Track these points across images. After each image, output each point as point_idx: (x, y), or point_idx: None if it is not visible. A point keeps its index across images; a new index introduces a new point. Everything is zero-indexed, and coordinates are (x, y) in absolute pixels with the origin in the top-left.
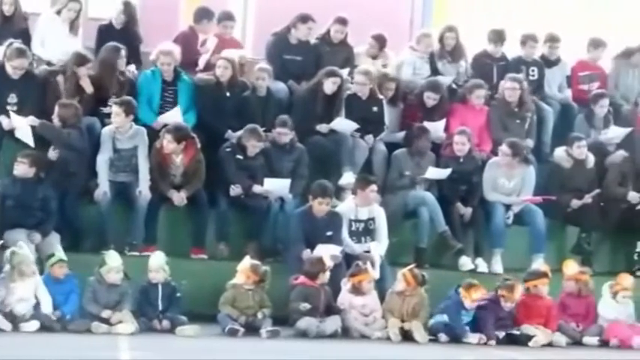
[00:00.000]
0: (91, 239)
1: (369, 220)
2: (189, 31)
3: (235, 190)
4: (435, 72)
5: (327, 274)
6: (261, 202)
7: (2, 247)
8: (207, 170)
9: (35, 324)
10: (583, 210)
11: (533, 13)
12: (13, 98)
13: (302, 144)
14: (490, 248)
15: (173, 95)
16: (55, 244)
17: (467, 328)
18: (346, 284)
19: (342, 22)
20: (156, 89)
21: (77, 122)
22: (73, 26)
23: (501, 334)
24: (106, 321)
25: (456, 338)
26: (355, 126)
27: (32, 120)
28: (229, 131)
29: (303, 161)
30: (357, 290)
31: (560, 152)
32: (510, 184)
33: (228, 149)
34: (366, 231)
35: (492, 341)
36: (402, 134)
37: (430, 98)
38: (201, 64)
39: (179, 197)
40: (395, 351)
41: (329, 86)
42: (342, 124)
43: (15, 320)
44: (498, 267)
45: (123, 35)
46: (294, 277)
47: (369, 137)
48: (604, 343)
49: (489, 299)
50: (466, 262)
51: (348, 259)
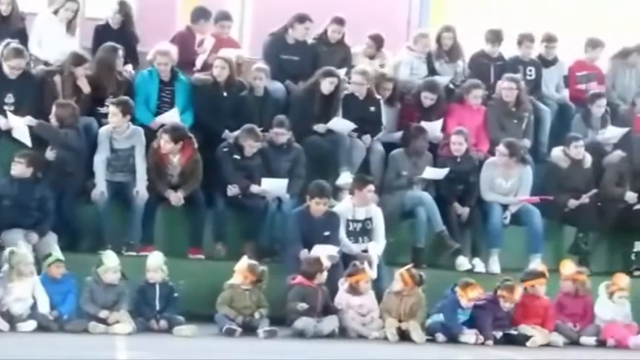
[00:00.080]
0: (89, 239)
1: (367, 220)
2: (186, 31)
3: (233, 190)
4: (433, 72)
5: (325, 274)
6: (259, 202)
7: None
8: (205, 170)
9: (32, 324)
10: (580, 210)
11: (530, 13)
12: (10, 98)
13: (299, 144)
14: (487, 248)
15: (170, 95)
16: (52, 244)
17: (463, 327)
18: (344, 284)
19: (340, 22)
20: (153, 89)
21: (74, 122)
22: (71, 26)
23: (499, 334)
24: (103, 321)
25: (453, 338)
26: (352, 126)
27: (29, 120)
28: (226, 131)
29: (301, 161)
30: (354, 290)
31: (557, 152)
32: (507, 184)
33: (225, 149)
34: (363, 231)
35: (490, 341)
36: (399, 134)
37: (427, 98)
38: (199, 64)
39: (176, 197)
40: (392, 351)
41: (326, 86)
42: (340, 124)
43: (12, 320)
44: (496, 267)
45: (120, 35)
46: (292, 277)
47: (367, 137)
48: (601, 343)
49: (488, 299)
50: (463, 262)
51: (346, 259)
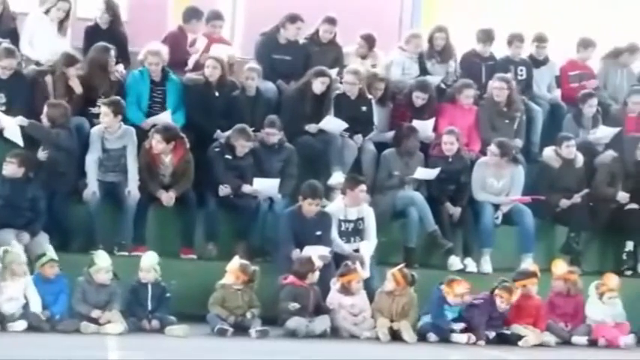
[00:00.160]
0: (80, 239)
1: (359, 220)
2: (178, 30)
3: (224, 190)
4: (424, 72)
5: (317, 274)
6: (250, 202)
7: None
8: (196, 170)
9: (23, 323)
10: (572, 210)
11: (522, 13)
12: (1, 98)
13: (291, 144)
14: (479, 248)
15: (162, 95)
16: (44, 244)
17: (451, 323)
18: (335, 284)
19: (331, 21)
20: (144, 89)
21: (66, 122)
22: (62, 26)
23: (492, 334)
24: (95, 321)
25: (445, 338)
26: (344, 125)
27: (21, 120)
28: (218, 131)
29: (293, 161)
30: (346, 290)
31: (549, 152)
32: (499, 183)
33: (217, 149)
34: (355, 231)
35: (481, 341)
36: (391, 134)
37: (419, 98)
38: (191, 64)
39: (168, 197)
40: (384, 351)
41: (318, 86)
42: (332, 123)
43: (4, 320)
44: (487, 267)
45: (110, 35)
46: (284, 276)
47: (358, 137)
48: (592, 343)
49: (484, 298)
50: (455, 262)
51: (338, 259)
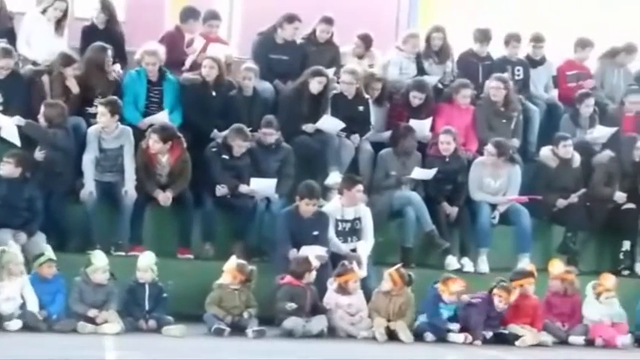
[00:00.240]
0: (77, 239)
1: (356, 219)
2: (175, 30)
3: (221, 190)
4: (422, 72)
5: (314, 274)
6: (247, 202)
7: None
8: (193, 170)
9: (18, 323)
10: (569, 209)
11: (519, 13)
12: None
13: (288, 144)
14: (476, 248)
15: (159, 95)
16: (41, 243)
17: (447, 322)
18: (332, 284)
19: (328, 21)
20: (141, 89)
21: (63, 122)
22: (59, 26)
23: (489, 334)
24: (92, 321)
25: (442, 338)
26: (341, 124)
27: (18, 120)
28: (215, 131)
29: (290, 161)
30: (343, 290)
31: (546, 152)
32: (496, 183)
33: (214, 149)
34: (352, 231)
35: (478, 341)
36: (388, 134)
37: (416, 98)
38: (188, 64)
39: (165, 197)
40: (381, 351)
41: (315, 86)
42: (329, 122)
43: (1, 320)
44: (484, 266)
45: (107, 35)
46: (281, 276)
47: (355, 137)
48: (589, 343)
49: (481, 298)
50: (452, 262)
51: (335, 259)
